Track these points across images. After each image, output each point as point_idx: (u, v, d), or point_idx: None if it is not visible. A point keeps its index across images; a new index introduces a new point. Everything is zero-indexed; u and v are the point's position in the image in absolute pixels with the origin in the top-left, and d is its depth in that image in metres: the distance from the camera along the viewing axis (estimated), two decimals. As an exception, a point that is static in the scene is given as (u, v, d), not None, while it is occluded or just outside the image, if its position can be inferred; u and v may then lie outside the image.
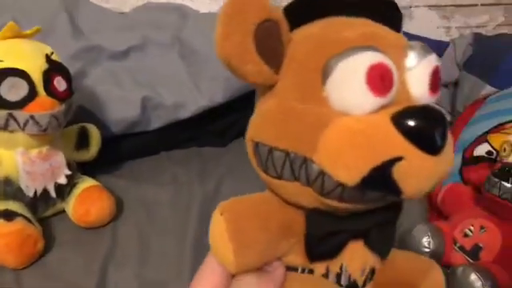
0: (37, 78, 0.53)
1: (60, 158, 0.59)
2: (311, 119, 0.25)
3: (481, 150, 0.66)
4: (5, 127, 0.53)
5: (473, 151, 0.67)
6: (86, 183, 0.62)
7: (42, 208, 0.59)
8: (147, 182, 0.71)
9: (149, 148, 0.78)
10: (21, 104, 0.52)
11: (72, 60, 0.70)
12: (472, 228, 0.54)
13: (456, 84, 0.93)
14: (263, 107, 0.28)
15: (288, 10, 0.27)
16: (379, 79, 0.24)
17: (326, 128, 0.24)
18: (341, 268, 0.30)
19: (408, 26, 1.08)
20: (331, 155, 0.24)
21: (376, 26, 0.28)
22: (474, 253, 0.53)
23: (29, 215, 0.56)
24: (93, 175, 0.65)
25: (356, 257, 0.30)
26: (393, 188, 0.24)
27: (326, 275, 0.30)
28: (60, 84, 0.55)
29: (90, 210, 0.59)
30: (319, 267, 0.30)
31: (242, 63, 0.25)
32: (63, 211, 0.62)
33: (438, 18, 1.11)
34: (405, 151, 0.23)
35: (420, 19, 1.09)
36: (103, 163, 0.70)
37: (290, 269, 0.30)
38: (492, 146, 0.65)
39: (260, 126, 0.27)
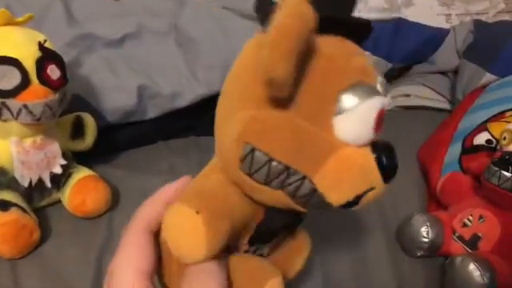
0: (29, 66, 0.52)
1: (55, 148, 0.58)
2: (322, 144, 0.27)
3: (480, 138, 0.65)
4: (-2, 117, 0.53)
5: (472, 140, 0.66)
6: (82, 173, 0.61)
7: (38, 198, 0.59)
8: (144, 172, 0.71)
9: (146, 137, 0.78)
10: (13, 93, 0.51)
11: (67, 48, 0.69)
12: (471, 218, 0.54)
13: (456, 72, 0.92)
14: (265, 114, 0.27)
15: None
16: (380, 121, 0.27)
17: (332, 155, 0.27)
18: None
19: (408, 12, 1.06)
20: (331, 181, 0.27)
21: (357, 51, 0.29)
22: (473, 243, 0.53)
23: (24, 205, 0.55)
24: (89, 165, 0.64)
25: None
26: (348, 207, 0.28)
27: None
28: (53, 72, 0.54)
29: (86, 199, 0.59)
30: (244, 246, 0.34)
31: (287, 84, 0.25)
32: (59, 201, 0.62)
33: (438, 5, 1.10)
34: (377, 182, 0.27)
35: (420, 6, 1.08)
36: (99, 153, 0.70)
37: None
38: (492, 135, 0.64)
39: (263, 135, 0.27)
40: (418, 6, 1.08)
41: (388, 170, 0.28)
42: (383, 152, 0.28)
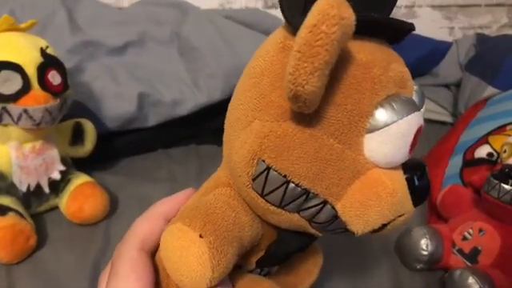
0: (31, 71, 0.53)
1: (54, 153, 0.58)
2: (347, 165, 0.23)
3: (481, 151, 0.65)
4: (-2, 121, 0.53)
5: (473, 153, 0.66)
6: (80, 179, 0.61)
7: (35, 203, 0.59)
8: (143, 180, 0.71)
9: (146, 145, 0.78)
10: (14, 97, 0.52)
11: (69, 54, 0.70)
12: (471, 231, 0.53)
13: (458, 85, 0.92)
14: (285, 128, 0.23)
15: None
16: (418, 139, 0.24)
17: (358, 178, 0.24)
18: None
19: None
20: (357, 208, 0.24)
21: (392, 52, 0.26)
22: (473, 256, 0.52)
23: (21, 210, 0.55)
24: (88, 171, 0.64)
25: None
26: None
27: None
28: (55, 78, 0.55)
29: (84, 206, 0.58)
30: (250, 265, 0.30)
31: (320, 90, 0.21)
32: (57, 207, 0.61)
33: (442, 18, 1.10)
34: (408, 208, 0.25)
35: (423, 19, 1.08)
36: (98, 159, 0.70)
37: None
38: (493, 148, 0.64)
39: (282, 152, 0.23)
40: (421, 19, 1.09)
41: (420, 192, 0.25)
42: (415, 173, 0.25)
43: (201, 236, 0.24)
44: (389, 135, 0.23)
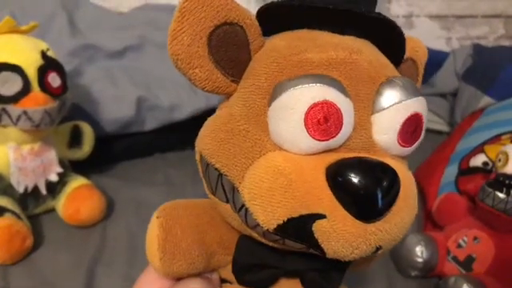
0: (31, 73, 0.53)
1: (52, 155, 0.59)
2: (248, 145, 0.23)
3: (477, 160, 0.66)
4: (-3, 122, 0.53)
5: (469, 162, 0.67)
6: (78, 182, 0.61)
7: (32, 205, 0.59)
8: (140, 183, 0.71)
9: (143, 149, 0.78)
10: (14, 99, 0.52)
11: (69, 57, 0.70)
12: (466, 238, 0.54)
13: (455, 95, 0.93)
14: (213, 116, 0.25)
15: (264, 13, 0.24)
16: (321, 121, 0.21)
17: (258, 160, 0.22)
18: None
19: (408, 35, 1.08)
20: (253, 193, 0.22)
21: (360, 47, 0.24)
22: (467, 264, 0.52)
23: (18, 211, 0.55)
24: (85, 174, 0.64)
25: None
26: (313, 244, 0.21)
27: None
28: (54, 80, 0.55)
29: (80, 208, 0.59)
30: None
31: (188, 67, 0.23)
32: (53, 209, 0.61)
33: (439, 29, 1.11)
34: (329, 209, 0.21)
35: (421, 29, 1.10)
36: (96, 162, 0.70)
37: (226, 281, 0.29)
38: (488, 157, 0.64)
39: (203, 136, 0.25)
40: (418, 29, 1.10)
41: (353, 195, 0.20)
42: (342, 167, 0.21)
43: (157, 217, 0.26)
44: (279, 107, 0.21)
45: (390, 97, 0.22)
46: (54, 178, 0.59)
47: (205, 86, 0.23)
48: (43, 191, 0.58)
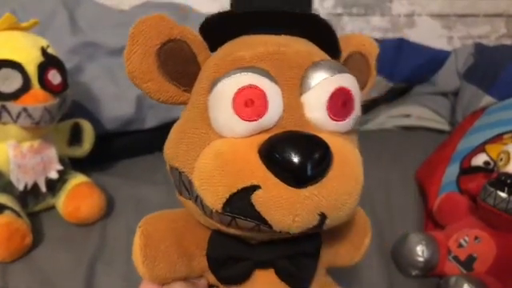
0: (31, 70, 0.53)
1: (52, 153, 0.58)
2: (196, 140, 0.26)
3: (478, 160, 0.65)
4: (-3, 119, 0.53)
5: (470, 161, 0.66)
6: (78, 179, 0.61)
7: (32, 202, 0.59)
8: (140, 181, 0.71)
9: (143, 147, 0.78)
10: (14, 96, 0.52)
11: (69, 55, 0.70)
12: (467, 238, 0.53)
13: (456, 94, 0.93)
14: (174, 125, 0.29)
15: (207, 28, 0.27)
16: (247, 103, 0.23)
17: (205, 149, 0.25)
18: None
19: (410, 33, 1.08)
20: (200, 177, 0.24)
21: (289, 42, 0.26)
22: (468, 263, 0.52)
23: (18, 209, 0.55)
24: (86, 172, 0.64)
25: (272, 287, 0.30)
26: (258, 218, 0.23)
27: None
28: (54, 77, 0.55)
29: (80, 206, 0.58)
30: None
31: (142, 81, 0.26)
32: (53, 207, 0.61)
33: (441, 28, 1.11)
34: (262, 180, 0.23)
35: (422, 28, 1.09)
36: (96, 160, 0.70)
37: (214, 286, 0.31)
38: (490, 156, 0.64)
39: (166, 144, 0.28)
40: (420, 28, 1.10)
41: (280, 164, 0.22)
42: (270, 141, 0.23)
43: (139, 227, 0.29)
44: (213, 98, 0.25)
45: (316, 77, 0.25)
46: (53, 175, 0.59)
47: (159, 97, 0.27)
48: (43, 189, 0.58)
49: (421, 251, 0.53)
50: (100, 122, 0.70)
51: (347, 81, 0.25)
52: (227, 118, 0.24)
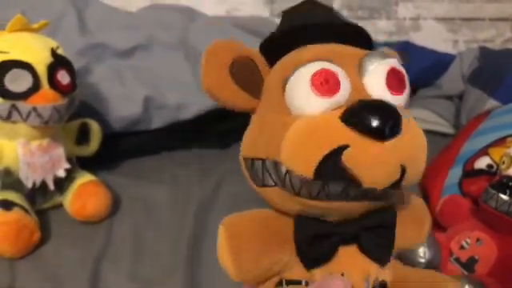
0: (41, 70, 0.54)
1: (60, 152, 0.60)
2: (278, 126, 0.28)
3: (481, 163, 0.66)
4: (7, 118, 0.54)
5: (473, 164, 0.67)
6: (85, 178, 0.62)
7: (40, 200, 0.60)
8: (146, 181, 0.71)
9: (150, 147, 0.79)
10: (24, 95, 0.53)
11: (78, 56, 0.71)
12: (468, 240, 0.54)
13: (461, 97, 0.93)
14: (248, 126, 0.31)
15: (267, 46, 0.32)
16: (323, 82, 0.27)
17: (288, 130, 0.27)
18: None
19: (415, 37, 1.08)
20: (289, 152, 0.27)
21: (341, 46, 0.30)
22: (470, 265, 0.53)
23: (27, 206, 0.56)
24: (93, 171, 0.65)
25: (354, 265, 0.30)
26: (348, 177, 0.26)
27: None
28: (64, 78, 0.56)
29: (87, 204, 0.60)
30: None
31: (219, 90, 0.29)
32: (61, 205, 0.62)
33: (446, 31, 1.12)
34: (349, 139, 0.25)
35: (427, 31, 1.10)
36: (103, 160, 0.71)
37: (295, 282, 0.31)
38: (493, 160, 0.65)
39: (244, 143, 0.31)
40: (425, 31, 1.10)
41: (363, 122, 0.25)
42: (351, 107, 0.26)
43: (222, 225, 0.30)
44: (291, 85, 0.28)
45: (371, 63, 0.29)
46: (61, 173, 0.60)
47: (235, 103, 0.30)
48: (51, 187, 0.59)
49: (423, 252, 0.54)
50: (107, 122, 0.71)
51: (396, 63, 0.29)
52: (306, 98, 0.27)
